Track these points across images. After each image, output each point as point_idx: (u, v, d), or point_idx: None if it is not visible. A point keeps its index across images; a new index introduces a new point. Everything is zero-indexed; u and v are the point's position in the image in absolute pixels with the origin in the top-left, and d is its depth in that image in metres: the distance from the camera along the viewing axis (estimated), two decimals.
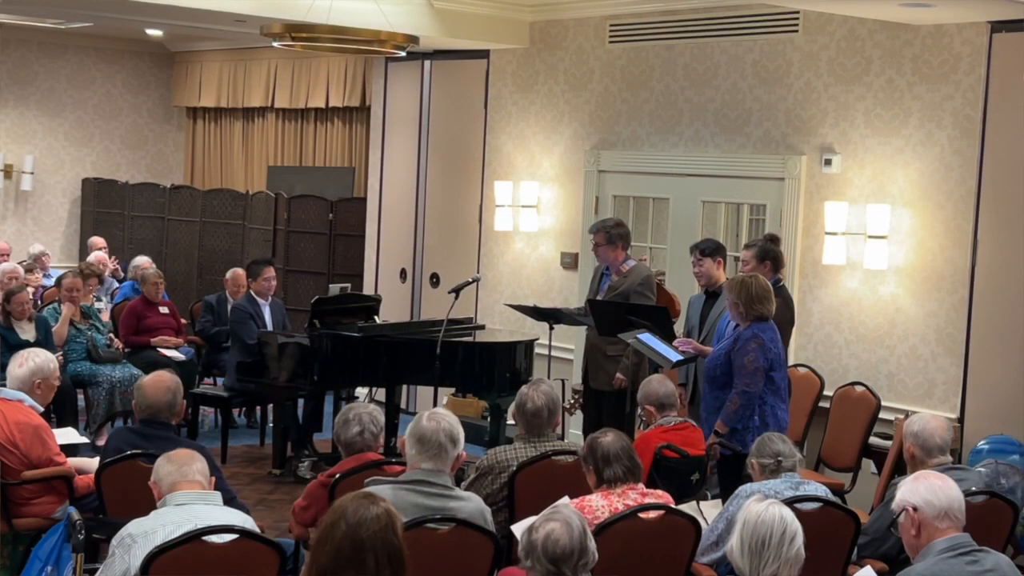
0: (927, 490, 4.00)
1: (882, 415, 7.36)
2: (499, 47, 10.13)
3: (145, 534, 4.06)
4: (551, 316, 8.26)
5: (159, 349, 9.53)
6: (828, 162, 8.04)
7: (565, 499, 4.71)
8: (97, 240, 12.59)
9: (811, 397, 7.54)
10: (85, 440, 6.86)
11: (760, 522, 3.63)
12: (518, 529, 4.66)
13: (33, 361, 5.97)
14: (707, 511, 5.42)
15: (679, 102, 8.95)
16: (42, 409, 5.97)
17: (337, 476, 5.12)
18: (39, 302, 10.05)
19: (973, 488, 5.13)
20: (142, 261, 10.80)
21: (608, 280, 7.91)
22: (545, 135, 9.92)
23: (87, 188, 14.02)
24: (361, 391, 10.38)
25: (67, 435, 6.48)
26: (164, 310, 9.81)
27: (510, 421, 6.94)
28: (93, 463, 5.77)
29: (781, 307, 6.59)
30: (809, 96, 8.18)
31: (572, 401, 8.36)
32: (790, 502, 4.86)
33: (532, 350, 8.68)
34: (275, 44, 8.98)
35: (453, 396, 10.00)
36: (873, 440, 7.36)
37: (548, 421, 5.64)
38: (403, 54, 9.23)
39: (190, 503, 4.20)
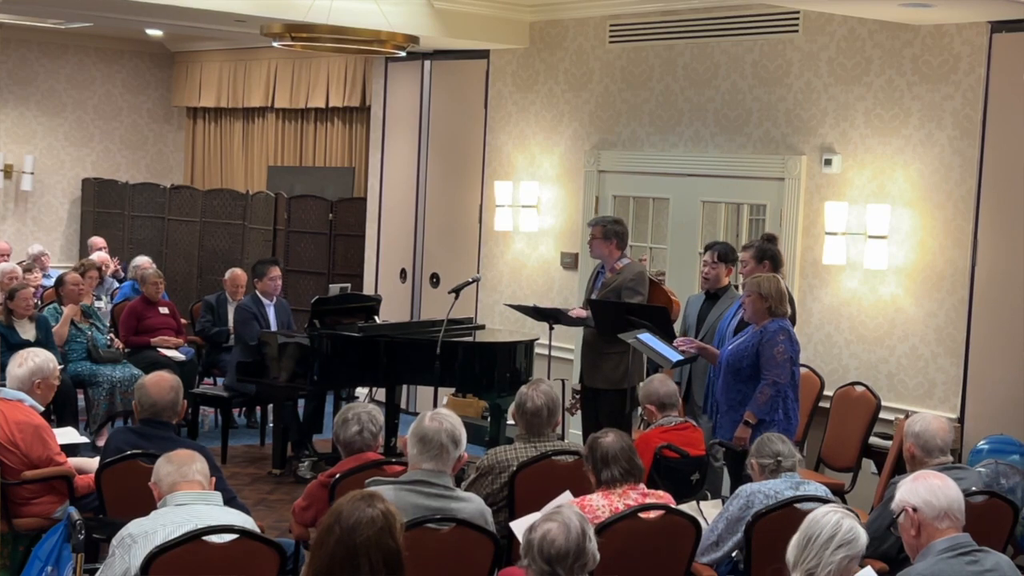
0: (926, 490, 4.00)
1: (882, 415, 7.36)
2: (499, 47, 10.12)
3: (145, 534, 4.06)
4: (551, 316, 8.26)
5: (159, 349, 9.53)
6: (828, 162, 8.03)
7: (567, 494, 4.72)
8: (97, 240, 12.59)
9: (811, 397, 7.54)
10: (85, 440, 6.86)
11: (814, 521, 3.70)
12: (516, 526, 4.66)
13: (33, 361, 5.97)
14: (707, 511, 5.42)
15: (679, 102, 8.95)
16: (42, 409, 5.97)
17: (337, 476, 5.11)
18: (39, 302, 10.05)
19: (973, 488, 5.12)
20: (142, 261, 10.80)
21: (603, 278, 7.93)
22: (545, 135, 9.91)
23: (87, 188, 14.01)
24: (361, 391, 10.38)
25: (67, 435, 6.48)
26: (164, 310, 9.81)
27: (510, 421, 6.94)
28: (93, 463, 5.77)
29: None
30: (809, 96, 8.18)
31: (573, 401, 8.36)
32: (790, 502, 4.88)
33: (532, 350, 8.68)
34: (275, 44, 8.98)
35: (453, 396, 9.99)
36: (873, 440, 7.36)
37: (548, 421, 5.64)
38: (403, 54, 9.23)
39: (190, 503, 4.20)
